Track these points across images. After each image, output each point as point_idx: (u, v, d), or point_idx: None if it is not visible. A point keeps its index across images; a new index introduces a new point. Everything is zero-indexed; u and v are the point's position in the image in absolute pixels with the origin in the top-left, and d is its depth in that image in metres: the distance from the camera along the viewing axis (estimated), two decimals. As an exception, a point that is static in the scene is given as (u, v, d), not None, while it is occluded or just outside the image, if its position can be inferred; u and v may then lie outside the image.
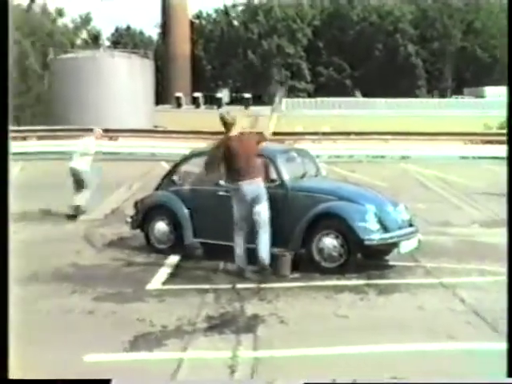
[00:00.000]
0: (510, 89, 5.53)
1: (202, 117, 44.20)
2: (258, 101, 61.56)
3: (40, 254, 10.23)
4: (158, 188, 10.92)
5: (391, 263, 9.47)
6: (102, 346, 6.20)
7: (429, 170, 22.61)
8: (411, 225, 9.68)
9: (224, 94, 58.96)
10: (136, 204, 11.01)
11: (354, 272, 8.86)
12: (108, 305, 7.59)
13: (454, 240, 11.42)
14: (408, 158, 27.72)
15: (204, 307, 7.46)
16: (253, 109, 51.94)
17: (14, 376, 4.64)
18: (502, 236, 8.63)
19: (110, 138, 30.23)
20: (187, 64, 70.89)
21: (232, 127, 8.94)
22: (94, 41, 79.99)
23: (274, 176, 9.47)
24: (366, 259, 9.34)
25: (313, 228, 9.06)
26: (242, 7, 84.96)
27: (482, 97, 50.77)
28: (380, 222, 9.06)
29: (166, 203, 10.35)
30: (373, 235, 8.89)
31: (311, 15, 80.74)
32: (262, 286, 8.36)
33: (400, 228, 9.34)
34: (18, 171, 22.30)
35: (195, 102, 55.29)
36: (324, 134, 30.01)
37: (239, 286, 8.37)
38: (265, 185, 8.99)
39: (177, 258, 9.86)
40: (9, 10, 4.43)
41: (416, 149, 28.36)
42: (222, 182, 9.58)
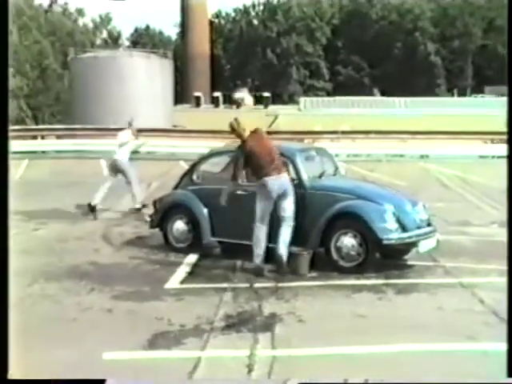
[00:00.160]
0: (510, 88, 5.49)
1: (220, 116, 44.29)
2: (277, 99, 61.65)
3: (59, 252, 10.29)
4: (176, 187, 10.94)
5: (410, 263, 9.43)
6: (121, 344, 6.22)
7: (448, 170, 22.49)
8: (430, 224, 9.64)
9: (244, 94, 58.81)
10: (155, 203, 11.04)
11: (372, 271, 8.84)
12: (126, 303, 7.61)
13: (473, 240, 11.36)
14: (427, 157, 27.59)
15: (222, 306, 7.46)
16: (272, 107, 52.02)
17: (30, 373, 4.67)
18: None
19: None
20: (206, 63, 71.01)
21: (243, 132, 9.04)
22: (113, 41, 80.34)
23: (293, 175, 9.45)
24: (385, 259, 9.30)
25: (331, 227, 9.04)
26: (261, 6, 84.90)
27: (504, 95, 50.34)
28: (398, 221, 9.02)
29: (185, 202, 10.37)
30: (391, 234, 8.86)
31: (330, 14, 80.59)
32: (279, 284, 8.36)
33: (418, 227, 9.30)
34: (37, 170, 22.47)
35: (214, 102, 55.33)
36: (343, 132, 29.95)
37: (257, 285, 8.36)
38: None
39: (195, 256, 9.87)
40: (9, 9, 4.44)
41: (435, 148, 28.22)
42: (241, 182, 9.59)
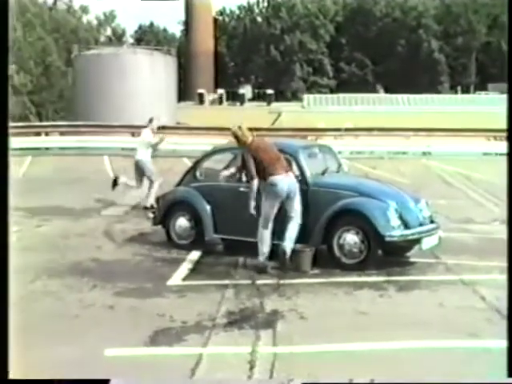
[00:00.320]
0: (511, 87, 5.50)
1: (224, 113, 44.29)
2: (280, 96, 61.59)
3: (62, 249, 10.32)
4: (179, 184, 10.96)
5: (412, 260, 9.44)
6: (123, 340, 6.24)
7: (451, 167, 22.47)
8: (432, 221, 9.64)
9: (246, 90, 58.73)
10: (157, 200, 11.07)
11: (374, 268, 8.85)
12: (128, 300, 7.63)
13: (475, 237, 11.37)
14: (430, 154, 27.54)
15: (224, 303, 7.48)
16: (275, 105, 51.99)
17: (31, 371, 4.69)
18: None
19: (133, 135, 30.36)
20: (210, 60, 70.96)
21: (246, 139, 9.10)
22: (117, 38, 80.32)
23: (296, 172, 9.45)
24: (387, 256, 9.31)
25: (334, 224, 9.05)
26: (265, 3, 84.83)
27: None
28: (401, 218, 9.03)
29: (188, 199, 10.39)
30: (394, 232, 8.87)
31: (334, 11, 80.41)
32: (281, 281, 8.37)
33: (421, 224, 9.31)
34: (40, 166, 22.50)
35: (218, 99, 55.32)
36: (346, 129, 29.93)
37: (259, 281, 8.38)
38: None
39: (197, 253, 9.89)
40: (8, 9, 4.44)
41: (438, 145, 28.17)
42: (244, 179, 9.61)
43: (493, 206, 15.01)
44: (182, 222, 10.34)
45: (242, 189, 9.64)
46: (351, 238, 8.92)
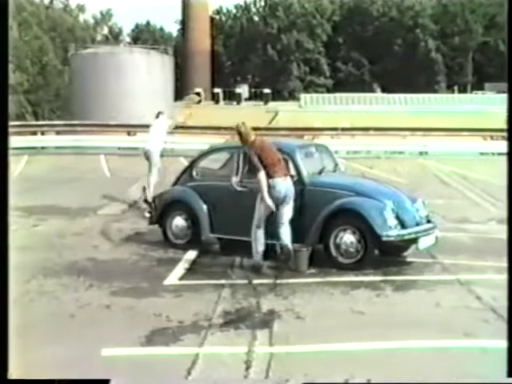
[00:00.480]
0: (510, 86, 5.50)
1: (221, 112, 44.28)
2: (277, 96, 61.58)
3: (58, 248, 10.30)
4: (176, 183, 10.94)
5: (408, 259, 9.44)
6: (119, 340, 6.23)
7: (448, 166, 22.48)
8: (429, 221, 9.64)
9: (243, 90, 58.68)
10: (154, 199, 11.05)
11: (371, 268, 8.84)
12: (125, 299, 7.61)
13: (472, 237, 11.37)
14: (427, 153, 27.55)
15: (220, 302, 7.47)
16: (272, 104, 51.99)
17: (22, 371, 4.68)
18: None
19: (129, 134, 30.34)
20: (207, 60, 70.94)
21: (249, 136, 9.04)
22: (114, 37, 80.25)
23: (293, 171, 9.44)
24: (384, 255, 9.31)
25: (330, 223, 9.05)
26: (262, 2, 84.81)
27: (505, 92, 50.09)
28: (398, 217, 9.03)
29: (184, 198, 10.37)
30: (390, 231, 8.86)
31: (331, 10, 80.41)
32: (278, 281, 8.36)
33: (418, 224, 9.31)
34: (36, 166, 22.47)
35: (214, 98, 55.27)
36: (343, 129, 29.92)
37: (256, 281, 8.37)
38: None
39: (194, 253, 9.87)
40: (8, 9, 4.44)
41: (435, 145, 28.17)
42: (241, 179, 9.60)
43: (489, 205, 15.02)
44: (179, 222, 10.33)
45: (238, 188, 9.64)
46: (348, 238, 8.92)
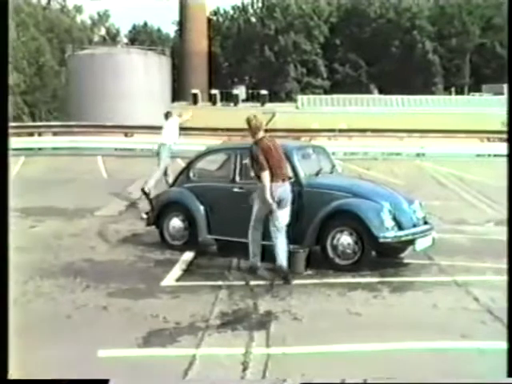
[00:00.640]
0: (511, 87, 5.51)
1: (218, 114, 44.25)
2: (274, 97, 61.56)
3: (55, 249, 10.29)
4: (173, 184, 10.94)
5: (405, 261, 9.44)
6: (116, 341, 6.22)
7: (445, 168, 22.50)
8: (426, 222, 9.65)
9: (240, 91, 58.62)
10: (151, 200, 11.04)
11: (368, 269, 8.84)
12: (122, 301, 7.60)
13: (469, 238, 11.38)
14: (424, 155, 27.58)
15: (217, 304, 7.47)
16: (269, 105, 51.96)
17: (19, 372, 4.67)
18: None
19: (126, 135, 30.33)
20: (204, 61, 70.87)
21: (258, 131, 8.83)
22: (111, 38, 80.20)
23: (290, 173, 9.43)
24: (381, 257, 9.31)
25: (327, 225, 9.05)
26: (260, 4, 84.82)
27: (502, 94, 50.17)
28: (395, 219, 9.03)
29: (181, 200, 10.36)
30: (387, 233, 8.86)
31: (328, 12, 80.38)
32: (275, 282, 8.36)
33: (415, 225, 9.31)
34: (33, 167, 22.45)
35: (212, 99, 55.23)
36: (340, 130, 29.96)
37: (253, 282, 8.37)
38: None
39: (191, 254, 9.87)
40: (8, 9, 4.43)
41: (432, 146, 28.22)
42: (238, 180, 9.60)
43: (486, 207, 15.04)
44: (176, 223, 10.32)
45: (235, 189, 9.65)
46: (345, 239, 8.91)
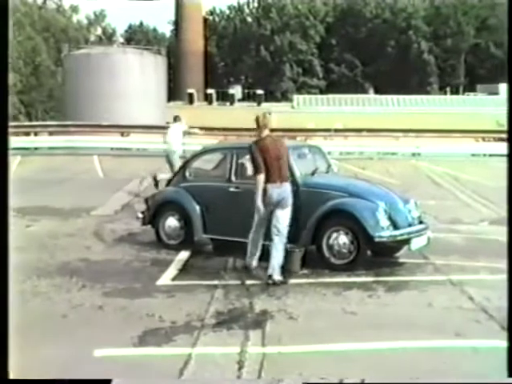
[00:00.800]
0: (510, 87, 5.53)
1: (214, 113, 44.26)
2: (270, 97, 61.57)
3: (51, 249, 10.28)
4: (169, 184, 10.95)
5: (400, 260, 9.47)
6: (112, 340, 6.23)
7: (440, 168, 22.56)
8: (421, 222, 9.67)
9: (236, 91, 58.58)
10: (147, 200, 11.04)
11: (363, 269, 8.86)
12: (118, 300, 7.61)
13: (463, 237, 11.41)
14: (419, 155, 27.66)
15: (213, 303, 7.48)
16: (265, 105, 51.98)
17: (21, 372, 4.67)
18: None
19: (122, 134, 30.34)
20: (200, 60, 70.80)
21: (264, 129, 8.80)
22: (107, 37, 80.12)
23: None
24: (376, 256, 9.34)
25: (323, 224, 9.06)
26: (256, 4, 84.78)
27: (496, 94, 50.28)
28: (390, 218, 9.05)
29: (177, 199, 10.38)
30: (383, 232, 8.88)
31: (324, 12, 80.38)
32: (270, 281, 8.35)
33: (410, 225, 9.33)
34: (29, 166, 22.44)
35: (207, 99, 55.21)
36: (336, 130, 30.01)
37: (248, 282, 8.37)
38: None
39: (187, 253, 9.88)
40: (8, 9, 4.45)
41: (427, 146, 28.30)
42: (234, 179, 9.62)
43: (481, 206, 15.08)
44: (172, 222, 10.33)
45: (231, 189, 9.66)
46: (340, 239, 8.92)
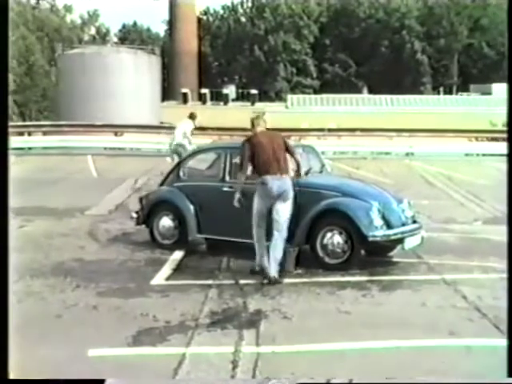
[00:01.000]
0: (510, 87, 5.55)
1: (208, 113, 44.23)
2: (264, 97, 61.59)
3: (45, 249, 10.27)
4: (163, 183, 10.95)
5: (394, 260, 9.49)
6: (106, 340, 6.23)
7: (433, 167, 22.61)
8: (415, 221, 9.69)
9: (230, 90, 58.59)
10: (141, 200, 11.04)
11: (357, 268, 8.87)
12: (112, 300, 7.61)
13: (457, 237, 11.44)
14: (413, 154, 27.71)
15: (207, 303, 7.47)
16: (259, 105, 52.00)
17: (15, 372, 4.67)
18: (504, 233, 8.63)
19: (116, 134, 30.32)
20: (194, 60, 70.82)
21: (257, 126, 8.89)
22: (101, 37, 80.00)
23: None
24: (370, 255, 9.35)
25: (317, 224, 9.06)
26: (249, 4, 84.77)
27: (489, 94, 50.45)
28: (384, 218, 9.06)
29: (171, 199, 10.38)
30: (376, 231, 8.89)
31: (318, 12, 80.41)
32: (264, 281, 8.37)
33: (404, 224, 9.35)
34: (23, 166, 22.38)
35: (201, 98, 55.20)
36: (329, 130, 30.05)
37: (242, 281, 8.38)
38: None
39: (181, 253, 9.88)
40: (9, 9, 4.46)
41: (421, 146, 28.35)
42: (228, 179, 9.63)
43: (474, 206, 15.12)
44: (166, 222, 10.33)
45: (225, 189, 9.65)
46: (334, 238, 8.93)
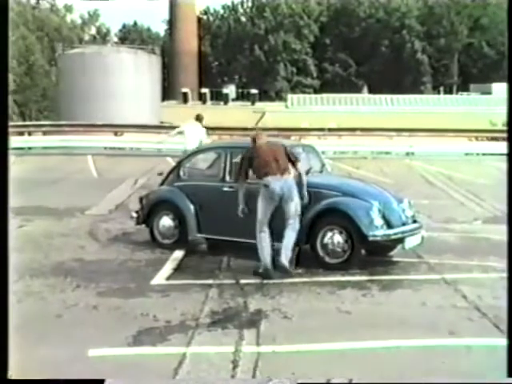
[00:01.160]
0: (511, 87, 5.55)
1: (208, 112, 44.22)
2: (264, 96, 61.58)
3: (44, 248, 10.27)
4: (163, 183, 10.95)
5: (394, 259, 9.49)
6: (106, 340, 6.23)
7: (433, 167, 22.61)
8: (415, 221, 9.70)
9: (230, 90, 58.59)
10: (141, 199, 11.04)
11: (357, 268, 8.87)
12: (112, 300, 7.61)
13: (457, 236, 11.44)
14: (413, 154, 27.70)
15: (207, 302, 7.48)
16: (259, 104, 52.03)
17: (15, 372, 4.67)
18: (503, 233, 8.63)
19: (116, 134, 30.32)
20: (194, 60, 70.83)
21: (259, 140, 9.01)
22: (101, 37, 79.99)
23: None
24: (370, 255, 9.35)
25: (317, 223, 9.06)
26: (250, 3, 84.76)
27: (489, 93, 50.43)
28: (384, 217, 9.06)
29: (171, 198, 10.38)
30: (377, 231, 8.89)
31: (318, 11, 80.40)
32: (265, 281, 8.38)
33: (404, 224, 9.35)
34: (23, 166, 22.38)
35: (202, 98, 55.19)
36: (330, 129, 30.04)
37: (243, 281, 8.38)
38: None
39: (181, 253, 9.88)
40: (9, 9, 4.46)
41: (421, 145, 28.34)
42: (228, 179, 9.63)
43: (474, 205, 15.12)
44: (166, 222, 10.33)
45: (225, 188, 9.66)
46: (334, 238, 8.93)
